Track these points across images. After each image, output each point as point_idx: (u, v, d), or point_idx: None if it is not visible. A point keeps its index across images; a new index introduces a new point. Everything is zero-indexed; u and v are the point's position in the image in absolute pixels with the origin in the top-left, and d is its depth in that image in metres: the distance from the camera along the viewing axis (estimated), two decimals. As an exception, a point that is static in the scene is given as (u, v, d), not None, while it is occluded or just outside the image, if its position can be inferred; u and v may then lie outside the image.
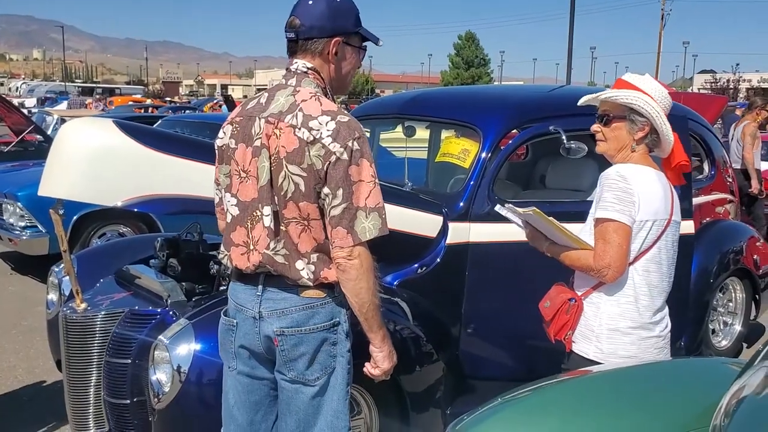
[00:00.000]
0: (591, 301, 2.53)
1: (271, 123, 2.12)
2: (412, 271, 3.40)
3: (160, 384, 2.79)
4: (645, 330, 2.49)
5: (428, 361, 3.22)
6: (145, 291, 3.37)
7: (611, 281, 2.43)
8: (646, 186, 2.43)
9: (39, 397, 4.39)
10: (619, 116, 2.52)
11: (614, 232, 2.38)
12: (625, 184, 2.40)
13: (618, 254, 2.38)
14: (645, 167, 2.49)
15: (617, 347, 2.47)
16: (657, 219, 2.44)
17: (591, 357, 2.50)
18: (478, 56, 74.19)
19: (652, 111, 2.46)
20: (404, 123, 4.24)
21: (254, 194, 2.16)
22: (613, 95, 2.52)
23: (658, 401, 2.02)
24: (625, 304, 2.47)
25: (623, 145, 2.53)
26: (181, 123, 9.54)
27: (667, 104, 2.52)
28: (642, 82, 2.52)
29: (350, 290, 2.14)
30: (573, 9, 22.88)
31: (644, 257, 2.46)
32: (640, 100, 2.46)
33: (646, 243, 2.44)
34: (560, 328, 2.55)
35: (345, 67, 2.29)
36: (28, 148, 10.10)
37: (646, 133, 2.50)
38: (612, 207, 2.39)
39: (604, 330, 2.48)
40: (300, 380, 2.21)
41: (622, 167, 2.46)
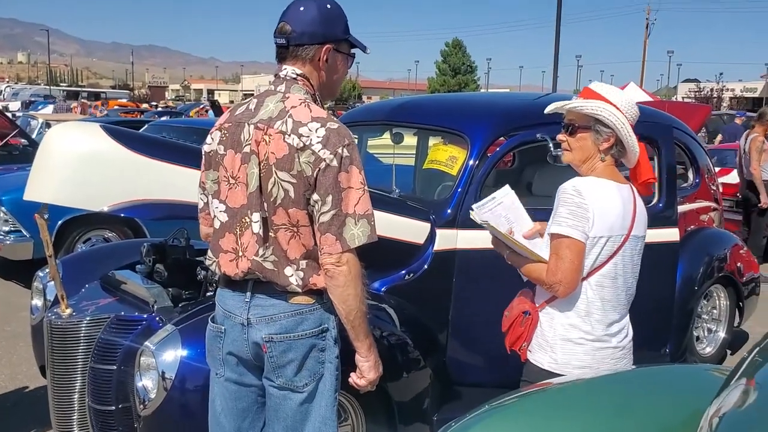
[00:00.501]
0: (546, 312, 2.52)
1: (260, 129, 2.12)
2: (399, 278, 3.40)
3: (145, 390, 2.78)
4: (600, 341, 2.47)
5: (415, 368, 3.22)
6: (131, 296, 3.35)
7: (562, 297, 2.43)
8: (602, 201, 2.39)
9: (22, 404, 4.34)
10: (585, 126, 2.47)
11: (567, 248, 2.36)
12: (580, 198, 2.36)
13: (569, 270, 2.36)
14: (605, 181, 2.44)
15: (571, 357, 2.46)
16: (612, 235, 2.40)
17: (546, 367, 2.49)
18: (465, 63, 74.48)
19: (617, 122, 2.42)
20: (392, 130, 4.25)
21: (243, 200, 2.15)
22: (577, 105, 2.48)
23: (643, 407, 2.03)
24: (576, 318, 2.45)
25: (588, 155, 2.48)
26: (167, 128, 9.50)
27: (633, 114, 2.48)
28: (608, 92, 2.48)
29: (338, 297, 2.14)
30: (559, 17, 23.03)
31: (598, 272, 2.43)
32: (606, 111, 2.42)
33: (600, 259, 2.41)
34: (515, 339, 2.56)
35: (334, 74, 2.30)
36: (13, 152, 10.03)
37: (612, 144, 2.46)
38: (565, 222, 2.36)
39: (557, 340, 2.47)
40: (288, 387, 2.20)
41: (580, 181, 2.42)
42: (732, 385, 1.68)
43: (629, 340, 2.57)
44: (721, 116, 23.26)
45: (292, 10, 2.21)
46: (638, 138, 2.49)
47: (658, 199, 4.02)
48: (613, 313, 2.48)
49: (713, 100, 42.12)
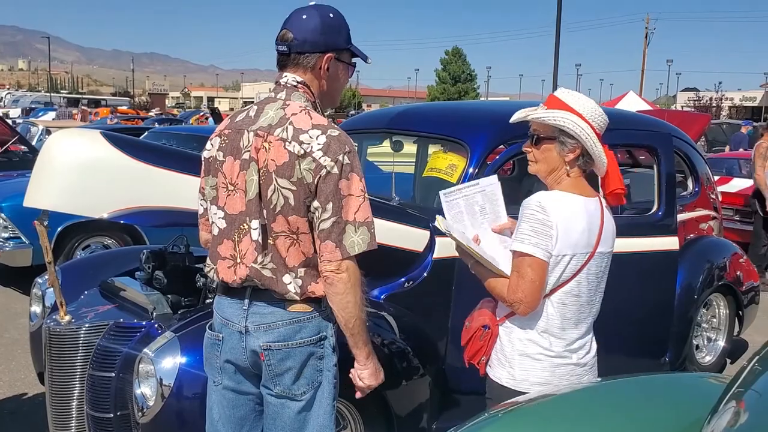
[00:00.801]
0: (506, 327, 2.44)
1: (260, 136, 2.12)
2: (398, 285, 3.40)
3: (144, 398, 2.77)
4: (559, 358, 2.38)
5: (415, 376, 3.22)
6: (131, 303, 3.34)
7: (523, 315, 2.34)
8: (567, 218, 2.29)
9: (21, 411, 4.33)
10: (549, 137, 2.36)
11: (528, 267, 2.27)
12: (544, 215, 2.27)
13: (530, 289, 2.28)
14: (571, 195, 2.34)
15: (529, 374, 2.38)
16: (577, 253, 2.31)
17: (504, 383, 2.41)
18: (465, 71, 74.66)
19: (582, 133, 2.30)
20: (392, 138, 4.25)
21: (242, 207, 2.15)
22: (540, 116, 2.36)
23: (643, 416, 2.02)
24: (536, 334, 2.37)
25: (554, 167, 2.38)
26: (167, 135, 9.51)
27: (601, 123, 2.35)
28: (574, 101, 2.34)
29: (337, 304, 2.14)
30: (559, 26, 23.10)
31: (561, 290, 2.34)
32: (569, 122, 2.30)
33: (564, 276, 2.33)
34: (474, 353, 2.48)
35: (335, 82, 2.30)
36: (12, 158, 10.04)
37: (577, 156, 2.34)
38: (528, 240, 2.27)
39: (516, 356, 2.40)
40: (286, 395, 2.20)
41: (545, 196, 2.32)
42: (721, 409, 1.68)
43: (592, 357, 2.48)
44: (721, 125, 23.30)
45: (294, 18, 2.22)
46: (607, 147, 2.39)
47: (657, 208, 4.03)
48: (574, 330, 2.40)
49: (712, 109, 42.17)
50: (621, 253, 3.80)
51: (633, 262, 3.87)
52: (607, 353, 3.91)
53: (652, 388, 2.33)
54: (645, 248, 3.92)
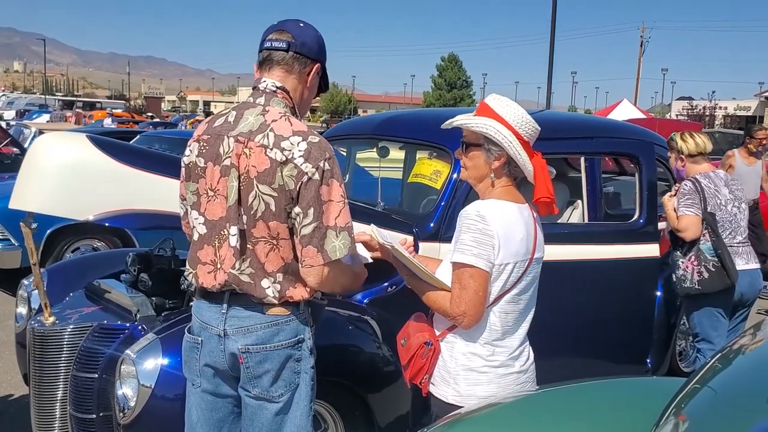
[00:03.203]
0: (447, 341, 2.39)
1: (240, 142, 2.14)
2: (382, 290, 3.42)
3: (125, 399, 2.79)
4: (503, 367, 2.35)
5: (396, 379, 3.24)
6: (115, 305, 3.36)
7: (467, 328, 2.30)
8: (507, 226, 2.27)
9: (6, 412, 4.34)
10: (476, 144, 2.35)
11: (471, 278, 2.23)
12: (484, 224, 2.23)
13: (474, 301, 2.23)
14: (507, 203, 2.32)
15: (475, 388, 2.33)
16: (518, 260, 2.29)
17: (450, 401, 2.35)
18: (461, 78, 74.80)
19: (504, 140, 2.27)
20: (378, 143, 4.29)
21: (222, 213, 2.18)
22: (464, 122, 2.35)
23: (588, 421, 2.05)
24: (478, 346, 2.33)
25: (482, 174, 2.36)
26: (159, 139, 9.54)
27: (529, 131, 2.32)
28: (501, 108, 2.33)
29: (332, 291, 2.31)
30: (553, 34, 23.17)
31: (503, 299, 2.32)
32: (491, 129, 2.28)
33: (507, 285, 2.30)
34: (416, 372, 2.41)
35: (312, 92, 2.34)
36: (4, 160, 10.04)
37: (503, 163, 2.32)
38: (469, 250, 2.23)
39: (460, 371, 2.34)
40: (264, 397, 2.22)
41: (482, 205, 2.30)
42: (664, 420, 1.72)
43: (531, 363, 2.46)
44: (713, 134, 23.40)
45: (291, 24, 2.27)
46: (540, 155, 2.37)
47: (638, 215, 4.07)
48: (514, 338, 2.37)
49: (706, 118, 42.36)
50: (602, 259, 3.89)
51: (614, 269, 3.92)
52: (588, 360, 3.98)
53: (597, 394, 2.34)
54: (626, 255, 3.96)
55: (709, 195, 4.02)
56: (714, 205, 4.01)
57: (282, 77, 2.25)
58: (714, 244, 3.96)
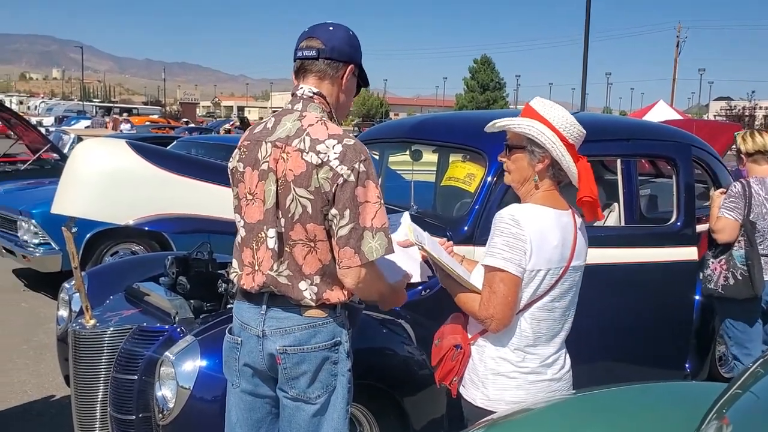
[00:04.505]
0: (478, 345, 2.38)
1: (278, 147, 2.18)
2: (416, 293, 3.42)
3: (165, 400, 2.83)
4: (534, 374, 2.32)
5: (431, 383, 3.24)
6: (154, 308, 3.42)
7: (494, 332, 2.29)
8: (541, 232, 2.23)
9: (48, 412, 4.44)
10: (519, 146, 2.33)
11: (501, 282, 2.21)
12: (518, 229, 2.21)
13: (503, 305, 2.22)
14: (544, 208, 2.29)
15: (503, 393, 2.31)
16: (551, 267, 2.26)
17: (478, 404, 2.35)
18: (494, 80, 74.49)
19: (548, 142, 2.25)
20: (411, 147, 4.30)
21: (260, 216, 2.22)
22: (507, 123, 2.34)
23: (645, 421, 2.03)
24: (509, 351, 2.31)
25: (526, 177, 2.34)
26: (195, 144, 9.66)
27: (573, 134, 2.30)
28: (545, 110, 2.31)
29: (368, 298, 2.32)
30: (587, 35, 22.97)
31: (535, 306, 2.29)
32: (534, 130, 2.27)
33: (538, 292, 2.27)
34: (446, 373, 2.42)
35: (349, 96, 2.37)
36: (45, 166, 10.27)
37: (547, 165, 2.30)
38: (500, 254, 2.21)
39: (489, 375, 2.33)
40: (301, 398, 2.25)
41: (517, 209, 2.28)
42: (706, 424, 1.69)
43: (567, 371, 2.42)
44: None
45: (320, 28, 2.29)
46: (585, 159, 2.34)
47: (676, 218, 4.01)
48: (547, 346, 2.35)
49: (745, 118, 41.52)
50: (639, 263, 3.84)
51: (651, 273, 3.87)
52: (624, 364, 3.94)
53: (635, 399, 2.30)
54: (663, 258, 3.91)
55: (757, 203, 3.92)
56: (759, 213, 3.91)
57: (316, 83, 2.28)
58: (747, 253, 3.88)
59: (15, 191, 7.82)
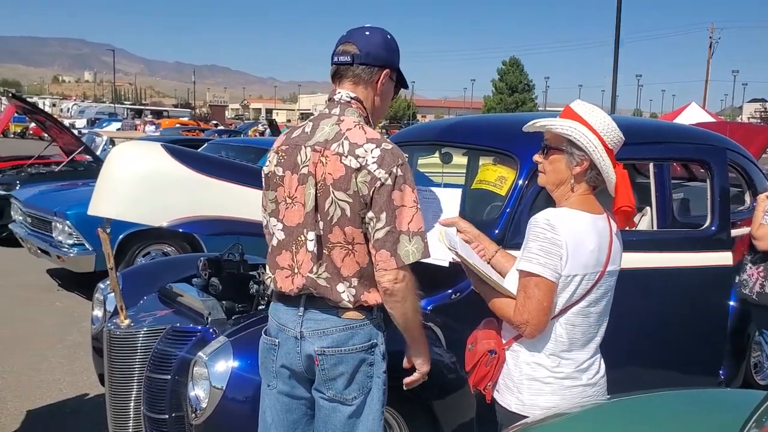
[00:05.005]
0: (513, 350, 2.37)
1: (317, 151, 2.21)
2: (446, 297, 3.42)
3: (197, 400, 2.86)
4: (569, 379, 2.30)
5: (461, 387, 3.24)
6: (187, 308, 3.46)
7: (529, 337, 2.27)
8: (577, 236, 2.21)
9: (82, 410, 4.51)
10: (558, 148, 2.30)
11: (536, 287, 2.20)
12: (553, 234, 2.19)
13: (537, 311, 2.20)
14: (580, 212, 2.26)
15: (538, 398, 2.30)
16: (587, 272, 2.23)
17: (513, 409, 2.34)
18: (522, 81, 74.01)
19: (589, 145, 2.23)
20: (441, 150, 4.29)
21: (300, 219, 2.24)
22: (548, 124, 2.31)
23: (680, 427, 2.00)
24: (543, 356, 2.30)
25: (562, 179, 2.31)
26: (226, 146, 9.76)
27: (613, 138, 2.28)
28: (587, 113, 2.29)
29: (397, 311, 2.23)
30: (618, 36, 22.77)
31: (570, 311, 2.27)
32: (576, 132, 2.24)
33: (575, 297, 2.25)
34: (480, 378, 2.41)
35: (385, 99, 2.39)
36: (78, 168, 10.44)
37: (585, 169, 2.27)
38: (536, 259, 2.19)
39: (523, 380, 2.32)
40: (338, 399, 2.27)
41: (553, 213, 2.25)
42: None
43: (601, 376, 2.40)
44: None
45: (357, 33, 2.31)
46: (622, 165, 2.32)
47: (710, 222, 3.96)
48: (583, 351, 2.33)
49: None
50: (672, 267, 3.80)
51: (684, 277, 3.82)
52: (657, 370, 3.89)
53: (669, 405, 2.27)
54: (697, 263, 3.86)
55: None
56: None
57: (352, 88, 2.31)
58: None
59: (50, 192, 7.96)
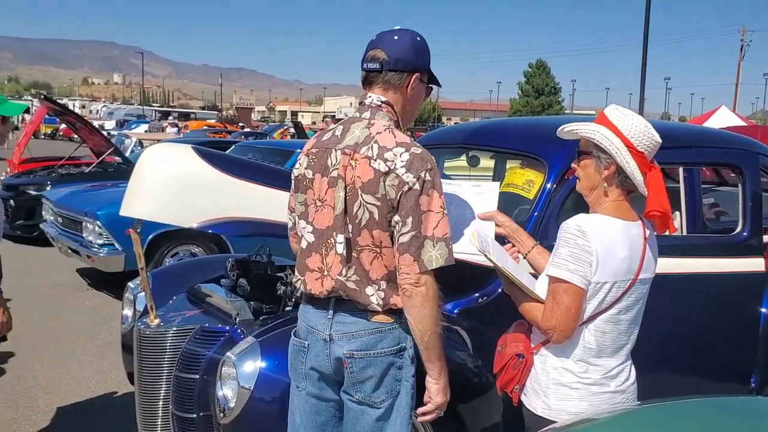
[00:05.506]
0: (541, 354, 2.37)
1: (347, 154, 2.22)
2: (472, 300, 3.41)
3: (226, 399, 2.88)
4: (597, 385, 2.29)
5: (487, 390, 3.23)
6: (215, 309, 3.49)
7: (557, 343, 2.27)
8: (608, 243, 2.20)
9: (110, 408, 4.57)
10: (587, 152, 2.31)
11: (565, 293, 2.19)
12: (584, 240, 2.18)
13: (565, 317, 2.19)
14: (612, 219, 2.26)
15: (565, 403, 2.29)
16: (617, 280, 2.22)
17: (539, 413, 2.34)
18: (549, 84, 73.57)
19: (611, 147, 2.22)
20: (468, 152, 4.29)
21: (329, 222, 2.25)
22: (573, 128, 2.33)
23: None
24: (571, 362, 2.30)
25: (594, 184, 2.32)
26: (252, 149, 9.84)
27: (644, 142, 2.26)
28: (617, 117, 2.28)
29: (414, 317, 2.20)
30: (646, 38, 22.55)
31: (600, 318, 2.26)
32: (598, 134, 2.25)
33: (604, 304, 2.24)
34: (507, 381, 2.41)
35: (416, 102, 2.39)
36: (108, 169, 10.58)
37: (613, 172, 2.26)
38: (565, 266, 2.19)
39: (550, 384, 2.32)
40: (366, 402, 2.28)
41: (584, 220, 2.24)
42: None
43: (631, 383, 2.38)
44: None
45: (385, 38, 2.31)
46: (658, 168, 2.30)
47: (742, 228, 3.91)
48: (612, 358, 2.32)
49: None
50: (702, 273, 3.75)
51: (715, 283, 3.77)
52: (686, 377, 3.85)
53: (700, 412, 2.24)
54: (728, 269, 3.81)
55: None
56: None
57: (382, 93, 2.32)
58: None
59: (80, 193, 8.09)
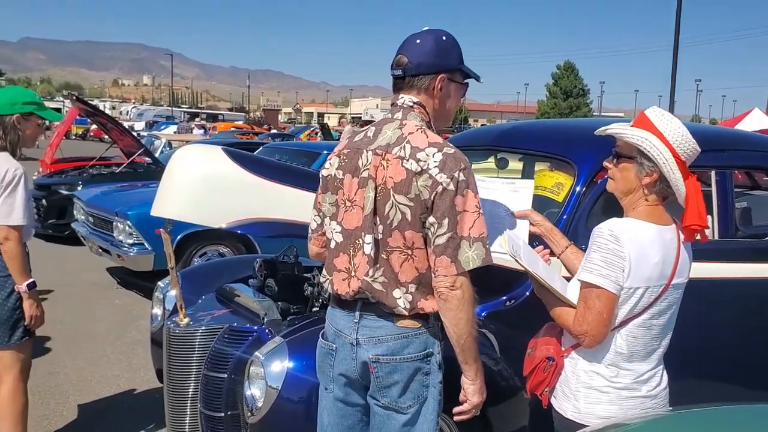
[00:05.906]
0: (571, 358, 2.36)
1: (378, 155, 2.21)
2: (500, 303, 3.39)
3: (253, 399, 2.90)
4: (627, 390, 2.27)
5: (515, 393, 3.21)
6: (244, 309, 3.52)
7: (588, 348, 2.26)
8: (641, 249, 2.17)
9: (139, 405, 4.62)
10: (628, 156, 2.26)
11: (596, 298, 2.18)
12: (617, 245, 2.16)
13: (597, 322, 2.18)
14: (646, 224, 2.23)
15: (595, 407, 2.28)
16: (650, 285, 2.20)
17: (569, 416, 2.33)
18: (577, 86, 73.03)
19: (660, 157, 2.18)
20: (497, 155, 4.27)
21: (358, 223, 2.25)
22: (620, 132, 2.28)
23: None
24: (601, 367, 2.28)
25: (631, 188, 2.28)
26: (280, 150, 9.90)
27: (687, 150, 2.23)
28: (661, 122, 2.23)
29: (450, 320, 2.18)
30: (677, 40, 22.28)
31: (632, 323, 2.24)
32: (647, 143, 2.20)
33: (637, 309, 2.23)
34: (537, 384, 2.41)
35: (448, 102, 2.37)
36: (138, 169, 10.70)
37: (654, 180, 2.23)
38: (597, 271, 2.17)
39: (580, 388, 2.30)
40: (392, 407, 2.26)
41: (617, 224, 2.21)
42: None
43: (663, 389, 2.36)
44: None
45: (409, 43, 2.31)
46: (695, 178, 2.27)
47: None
48: (642, 364, 2.30)
49: None
50: (735, 278, 3.69)
51: (748, 289, 3.72)
52: (718, 383, 3.79)
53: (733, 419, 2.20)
54: (762, 274, 3.75)
55: None
56: None
57: (414, 94, 2.31)
58: None
59: (111, 193, 8.20)
